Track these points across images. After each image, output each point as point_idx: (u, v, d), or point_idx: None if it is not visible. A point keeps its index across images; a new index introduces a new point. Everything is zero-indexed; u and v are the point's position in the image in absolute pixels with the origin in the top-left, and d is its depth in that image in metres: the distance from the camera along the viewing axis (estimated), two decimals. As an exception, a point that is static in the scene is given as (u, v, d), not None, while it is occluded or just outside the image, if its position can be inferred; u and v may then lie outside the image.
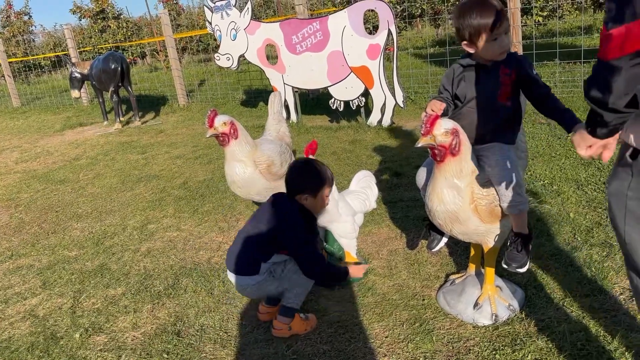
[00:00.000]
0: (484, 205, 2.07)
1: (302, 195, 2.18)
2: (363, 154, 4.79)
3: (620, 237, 1.41)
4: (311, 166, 2.25)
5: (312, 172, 2.22)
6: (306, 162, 2.28)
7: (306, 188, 2.18)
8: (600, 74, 1.10)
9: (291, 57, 6.04)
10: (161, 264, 3.16)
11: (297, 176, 2.22)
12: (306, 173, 2.22)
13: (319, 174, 2.22)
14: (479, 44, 1.98)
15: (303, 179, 2.22)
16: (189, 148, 6.08)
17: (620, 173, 1.36)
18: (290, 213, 2.17)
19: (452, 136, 1.99)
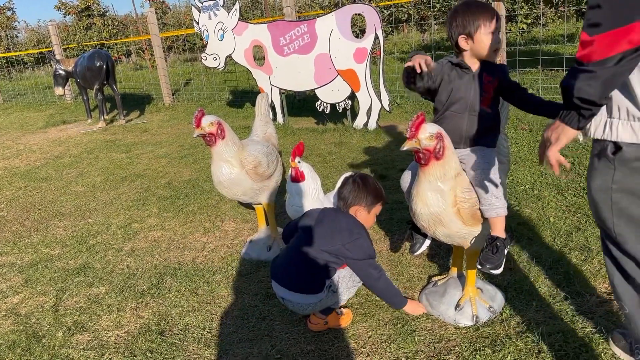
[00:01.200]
0: (467, 208, 2.11)
1: (358, 207, 2.26)
2: (348, 157, 4.82)
3: (609, 230, 1.47)
4: (370, 181, 2.32)
5: (370, 186, 2.30)
6: (364, 177, 2.33)
7: (363, 201, 2.26)
8: (588, 74, 1.17)
9: (278, 59, 6.05)
10: (145, 264, 3.15)
11: (356, 188, 2.27)
12: (366, 187, 2.28)
13: (376, 189, 2.31)
14: (478, 37, 2.02)
15: (362, 192, 2.28)
16: (174, 147, 6.06)
17: (602, 168, 1.43)
18: (355, 224, 2.23)
19: (437, 140, 2.02)
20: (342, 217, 2.26)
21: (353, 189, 2.28)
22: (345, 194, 2.28)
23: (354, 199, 2.27)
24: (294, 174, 2.57)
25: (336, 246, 2.15)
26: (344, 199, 2.28)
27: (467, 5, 2.06)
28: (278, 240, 3.10)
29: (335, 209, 2.34)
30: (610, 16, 1.15)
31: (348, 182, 2.31)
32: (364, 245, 2.18)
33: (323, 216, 2.26)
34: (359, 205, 2.27)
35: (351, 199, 2.27)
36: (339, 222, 2.22)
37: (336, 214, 2.28)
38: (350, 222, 2.23)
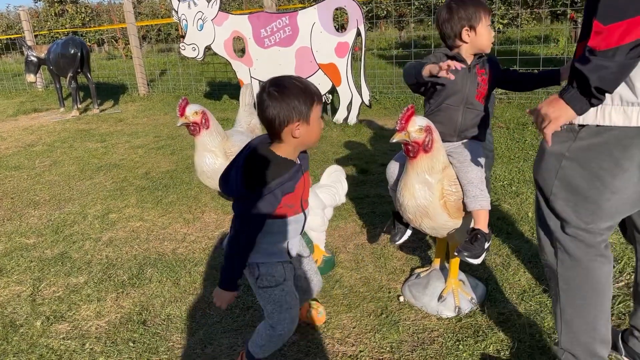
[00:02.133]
0: (453, 201, 2.14)
1: (292, 125, 1.56)
2: (329, 151, 4.83)
3: (545, 189, 1.62)
4: (292, 83, 1.57)
5: (295, 89, 1.55)
6: (281, 81, 1.58)
7: (295, 114, 1.55)
8: (604, 64, 1.25)
9: (259, 51, 6.02)
10: (124, 254, 3.10)
11: (279, 102, 1.53)
12: (291, 94, 1.54)
13: (305, 89, 1.57)
14: (479, 30, 2.06)
15: (288, 102, 1.54)
16: (150, 138, 5.97)
17: (562, 135, 1.51)
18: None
19: (426, 133, 2.05)
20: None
21: (276, 104, 1.53)
22: (269, 114, 1.55)
23: (284, 117, 1.54)
24: (280, 164, 2.55)
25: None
26: (269, 124, 1.58)
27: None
28: (261, 232, 3.09)
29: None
30: (623, 6, 1.21)
31: (265, 95, 1.55)
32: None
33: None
34: (293, 123, 1.56)
35: (280, 119, 1.55)
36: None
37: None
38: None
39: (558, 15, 11.33)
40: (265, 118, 1.58)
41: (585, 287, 1.63)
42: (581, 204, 1.55)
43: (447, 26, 2.11)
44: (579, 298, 1.65)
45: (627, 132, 1.42)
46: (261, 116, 1.60)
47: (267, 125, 1.60)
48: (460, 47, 2.14)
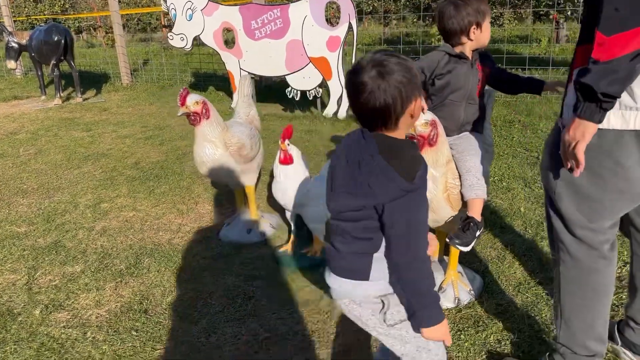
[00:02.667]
0: (456, 195, 2.19)
1: (412, 105, 1.26)
2: (320, 144, 4.85)
3: (550, 188, 1.67)
4: (394, 60, 1.25)
5: (401, 66, 1.24)
6: (381, 62, 1.24)
7: (416, 90, 1.27)
8: (609, 71, 1.25)
9: (249, 43, 5.99)
10: (119, 243, 3.08)
11: (394, 83, 1.22)
12: (401, 70, 1.23)
13: (408, 65, 1.26)
14: (484, 26, 2.11)
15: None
16: (137, 128, 5.91)
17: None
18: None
19: (431, 127, 2.09)
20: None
21: (385, 86, 1.22)
22: (384, 99, 1.22)
23: (407, 96, 1.24)
24: (283, 156, 2.58)
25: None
26: (385, 109, 1.23)
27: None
28: (258, 223, 3.10)
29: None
30: (626, 18, 1.26)
31: (364, 83, 1.22)
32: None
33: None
34: (413, 101, 1.26)
35: (402, 99, 1.23)
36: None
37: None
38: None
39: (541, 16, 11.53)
40: (375, 106, 1.22)
41: (586, 288, 1.68)
42: (584, 203, 1.60)
43: (453, 23, 2.14)
44: (579, 298, 1.70)
45: (624, 133, 1.48)
46: (367, 104, 1.23)
47: (377, 114, 1.24)
48: (465, 44, 2.18)
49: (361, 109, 1.27)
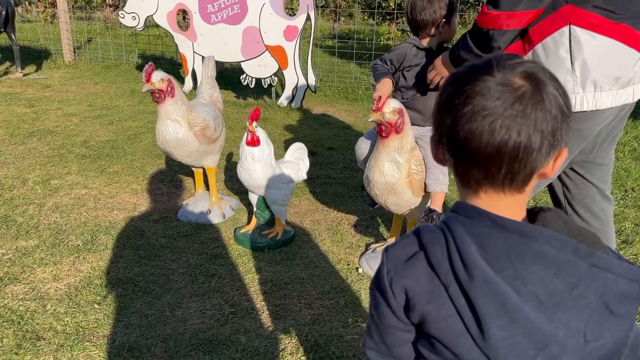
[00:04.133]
0: (418, 180, 2.32)
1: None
2: (275, 132, 4.90)
3: None
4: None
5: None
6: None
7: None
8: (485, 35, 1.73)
9: (204, 26, 5.93)
10: (73, 220, 3.02)
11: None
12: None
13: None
14: (453, 20, 2.24)
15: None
16: (83, 106, 5.71)
17: None
18: None
19: (398, 115, 2.21)
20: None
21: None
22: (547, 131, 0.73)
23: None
24: (250, 138, 2.62)
25: None
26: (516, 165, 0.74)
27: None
28: (218, 205, 3.13)
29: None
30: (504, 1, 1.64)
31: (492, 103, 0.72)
32: None
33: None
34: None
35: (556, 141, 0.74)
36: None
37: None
38: None
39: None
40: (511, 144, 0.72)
41: None
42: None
43: (425, 14, 2.26)
44: None
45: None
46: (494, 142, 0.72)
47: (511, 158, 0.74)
48: (433, 37, 2.31)
49: (487, 149, 0.72)
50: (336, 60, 8.06)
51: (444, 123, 0.76)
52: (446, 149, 0.77)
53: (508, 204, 0.77)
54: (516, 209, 0.78)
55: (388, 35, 11.65)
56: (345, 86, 6.95)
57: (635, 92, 1.71)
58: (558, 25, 1.64)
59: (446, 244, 0.76)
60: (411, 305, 0.79)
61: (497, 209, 0.76)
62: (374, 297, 0.85)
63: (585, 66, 1.62)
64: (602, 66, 1.62)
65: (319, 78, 7.32)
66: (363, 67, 8.24)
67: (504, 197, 0.77)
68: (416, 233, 0.81)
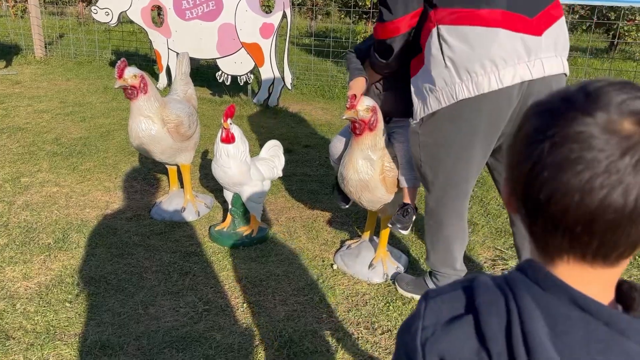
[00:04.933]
0: (391, 177, 2.35)
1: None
2: (251, 130, 4.89)
3: (416, 161, 2.14)
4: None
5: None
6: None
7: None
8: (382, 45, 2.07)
9: (179, 22, 5.87)
10: (44, 218, 2.97)
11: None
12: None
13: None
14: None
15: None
16: (55, 103, 5.61)
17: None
18: None
19: (372, 113, 2.23)
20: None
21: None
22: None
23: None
24: (225, 135, 2.61)
25: None
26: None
27: None
28: (193, 202, 3.11)
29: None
30: (387, 13, 1.95)
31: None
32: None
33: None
34: None
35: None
36: None
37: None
38: None
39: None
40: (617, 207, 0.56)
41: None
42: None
43: None
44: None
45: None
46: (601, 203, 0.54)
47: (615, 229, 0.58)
48: None
49: (579, 213, 0.56)
50: (313, 58, 8.07)
51: (520, 169, 0.59)
52: (521, 202, 0.60)
53: (595, 280, 0.60)
54: (605, 286, 0.61)
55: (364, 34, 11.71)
56: (322, 84, 6.96)
57: (533, 69, 1.83)
58: (429, 28, 1.89)
59: (507, 314, 0.59)
60: None
61: (580, 284, 0.59)
62: (398, 349, 0.70)
63: (454, 58, 1.84)
64: (472, 54, 1.81)
65: (296, 76, 7.31)
66: (340, 66, 8.25)
67: (591, 271, 0.59)
68: (469, 288, 0.65)
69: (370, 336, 2.10)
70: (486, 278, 0.65)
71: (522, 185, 0.59)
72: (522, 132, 0.60)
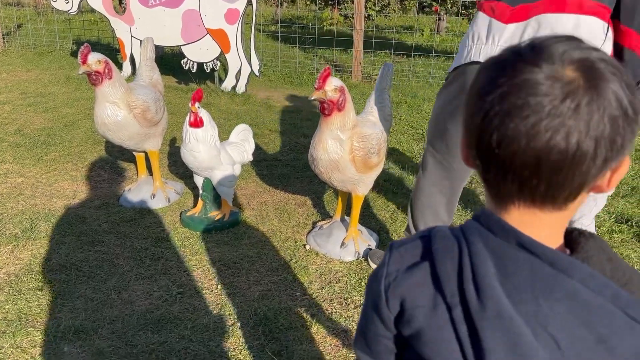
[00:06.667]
0: (360, 157, 2.39)
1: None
2: (219, 117, 4.86)
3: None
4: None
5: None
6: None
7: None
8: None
9: (142, 9, 5.76)
10: (10, 209, 2.91)
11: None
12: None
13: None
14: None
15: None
16: (16, 94, 5.45)
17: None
18: None
19: (340, 93, 2.26)
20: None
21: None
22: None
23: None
24: (194, 119, 2.61)
25: None
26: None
27: None
28: (162, 189, 3.09)
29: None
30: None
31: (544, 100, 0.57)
32: None
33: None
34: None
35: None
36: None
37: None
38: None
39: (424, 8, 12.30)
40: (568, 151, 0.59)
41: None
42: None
43: None
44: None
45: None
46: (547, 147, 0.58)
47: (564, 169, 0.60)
48: None
49: (526, 156, 0.59)
50: (280, 45, 8.04)
51: (474, 120, 0.62)
52: (475, 152, 0.63)
53: (544, 223, 0.63)
54: (554, 230, 0.65)
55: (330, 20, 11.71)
56: (289, 71, 6.96)
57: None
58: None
59: (459, 257, 0.64)
60: (405, 319, 0.68)
61: (530, 228, 0.63)
62: (367, 297, 0.75)
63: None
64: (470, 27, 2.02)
65: (263, 63, 7.29)
66: (307, 52, 8.25)
67: (540, 215, 0.63)
68: (426, 236, 0.69)
69: (344, 311, 2.15)
70: (444, 227, 0.70)
71: (476, 136, 0.62)
72: (475, 86, 0.63)
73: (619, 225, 2.87)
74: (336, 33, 8.53)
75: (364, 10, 6.52)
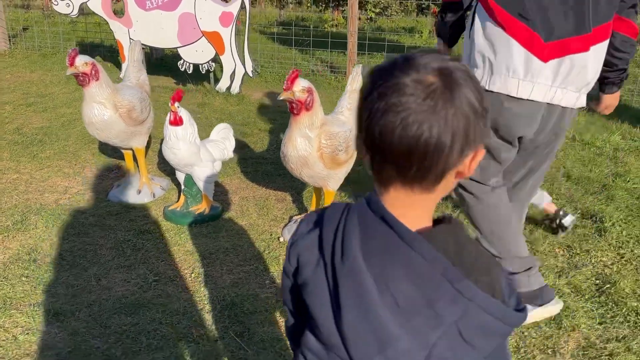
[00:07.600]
0: (328, 153, 2.53)
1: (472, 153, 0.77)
2: (212, 117, 5.01)
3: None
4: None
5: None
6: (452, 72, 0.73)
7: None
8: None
9: (140, 13, 5.93)
10: (3, 203, 3.07)
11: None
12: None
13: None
14: None
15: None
16: (18, 94, 5.64)
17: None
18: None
19: (308, 93, 2.40)
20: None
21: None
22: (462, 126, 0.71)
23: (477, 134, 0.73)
24: (173, 118, 2.75)
25: None
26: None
27: None
28: (148, 185, 3.24)
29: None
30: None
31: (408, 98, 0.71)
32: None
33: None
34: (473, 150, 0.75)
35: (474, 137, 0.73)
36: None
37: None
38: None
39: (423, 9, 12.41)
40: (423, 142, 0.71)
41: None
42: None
43: None
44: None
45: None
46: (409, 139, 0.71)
47: (420, 157, 0.72)
48: None
49: (394, 146, 0.71)
50: (277, 46, 8.19)
51: (363, 118, 0.75)
52: (365, 146, 0.76)
53: (416, 203, 0.77)
54: (424, 209, 0.78)
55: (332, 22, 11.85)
56: (285, 72, 7.09)
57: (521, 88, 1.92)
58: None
59: (338, 224, 0.79)
60: (299, 272, 0.84)
61: (403, 206, 0.77)
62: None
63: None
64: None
65: (260, 64, 7.44)
66: (304, 53, 8.39)
67: (413, 196, 0.76)
68: (324, 208, 0.85)
69: (308, 298, 2.28)
70: (340, 203, 0.85)
71: (365, 131, 0.75)
72: (363, 89, 0.77)
73: (584, 220, 2.98)
74: (331, 35, 8.67)
75: (357, 12, 6.65)
